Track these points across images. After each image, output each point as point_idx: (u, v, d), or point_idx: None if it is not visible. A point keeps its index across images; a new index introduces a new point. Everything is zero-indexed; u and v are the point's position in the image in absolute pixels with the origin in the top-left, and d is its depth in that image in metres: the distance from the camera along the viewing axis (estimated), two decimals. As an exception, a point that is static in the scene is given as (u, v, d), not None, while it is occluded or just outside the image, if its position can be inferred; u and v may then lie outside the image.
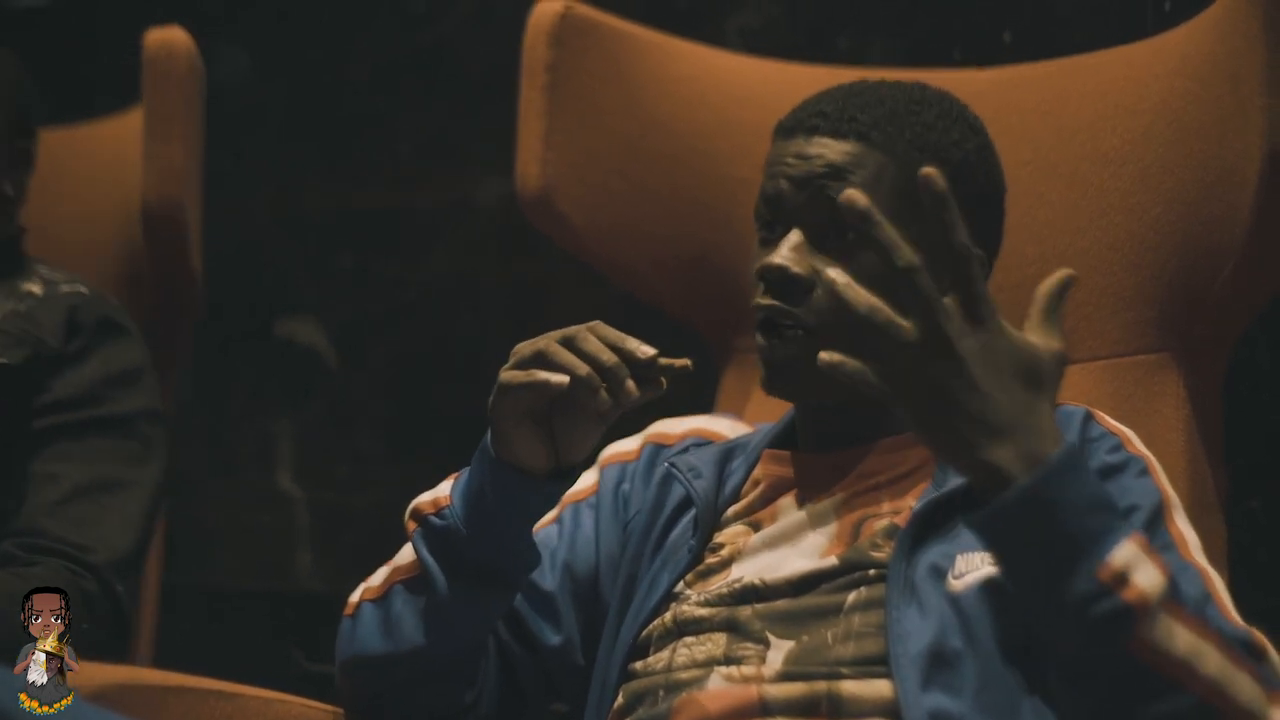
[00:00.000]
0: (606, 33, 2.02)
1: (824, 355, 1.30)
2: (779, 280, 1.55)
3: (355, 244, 2.84)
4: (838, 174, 1.57)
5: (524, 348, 1.49)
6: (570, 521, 1.68)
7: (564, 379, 1.45)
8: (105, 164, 2.32)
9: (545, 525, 1.67)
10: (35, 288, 1.98)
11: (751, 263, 1.60)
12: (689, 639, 1.53)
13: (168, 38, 2.14)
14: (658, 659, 1.54)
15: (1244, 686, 1.33)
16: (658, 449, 1.70)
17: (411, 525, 1.57)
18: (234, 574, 2.86)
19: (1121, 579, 1.30)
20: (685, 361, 1.47)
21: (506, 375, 1.47)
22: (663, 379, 1.47)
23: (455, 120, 2.76)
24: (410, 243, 2.80)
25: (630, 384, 1.45)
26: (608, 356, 1.46)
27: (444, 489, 1.57)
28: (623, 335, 1.47)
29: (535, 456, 1.50)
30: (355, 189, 2.84)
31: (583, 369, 1.45)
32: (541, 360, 1.46)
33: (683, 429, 1.73)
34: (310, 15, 2.88)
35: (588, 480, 1.70)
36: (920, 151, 1.58)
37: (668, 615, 1.56)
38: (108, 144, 2.33)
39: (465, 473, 1.56)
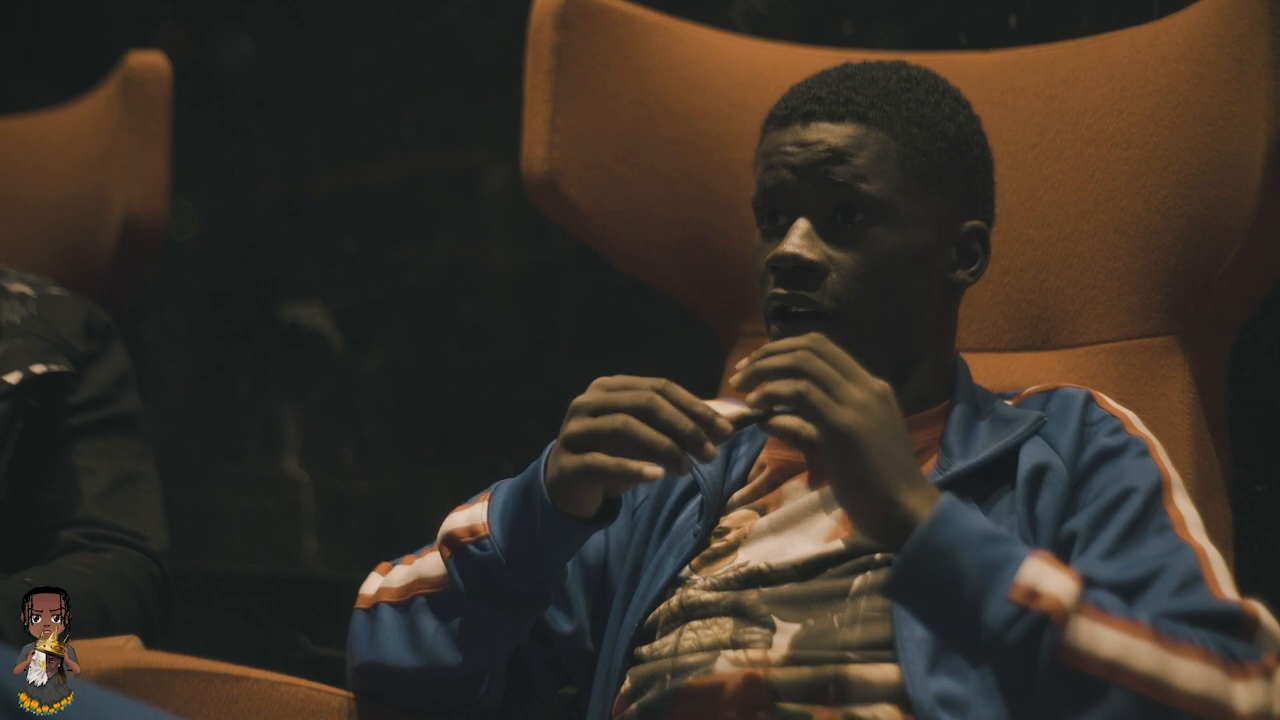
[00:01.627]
0: (612, 16, 2.01)
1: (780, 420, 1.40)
2: (792, 268, 1.54)
3: (360, 229, 2.84)
4: (840, 157, 1.56)
5: (590, 410, 1.45)
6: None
7: (659, 471, 1.41)
8: (37, 157, 2.39)
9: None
10: (23, 288, 1.99)
11: (755, 256, 1.59)
12: (695, 623, 1.53)
13: (150, 61, 2.26)
14: (664, 643, 1.54)
15: (1191, 674, 1.34)
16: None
17: (446, 551, 1.55)
18: (239, 559, 2.86)
19: (1033, 594, 1.33)
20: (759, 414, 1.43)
21: (595, 461, 1.43)
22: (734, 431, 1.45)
23: (460, 106, 2.76)
24: (415, 227, 2.80)
25: (709, 447, 1.42)
26: (684, 424, 1.42)
27: (480, 515, 1.54)
28: (693, 398, 1.44)
29: (591, 505, 1.49)
30: (360, 173, 2.84)
31: (665, 444, 1.41)
32: (622, 439, 1.42)
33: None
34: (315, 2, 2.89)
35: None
36: (917, 127, 1.58)
37: (674, 600, 1.56)
38: (38, 137, 2.40)
39: (500, 496, 1.54)
